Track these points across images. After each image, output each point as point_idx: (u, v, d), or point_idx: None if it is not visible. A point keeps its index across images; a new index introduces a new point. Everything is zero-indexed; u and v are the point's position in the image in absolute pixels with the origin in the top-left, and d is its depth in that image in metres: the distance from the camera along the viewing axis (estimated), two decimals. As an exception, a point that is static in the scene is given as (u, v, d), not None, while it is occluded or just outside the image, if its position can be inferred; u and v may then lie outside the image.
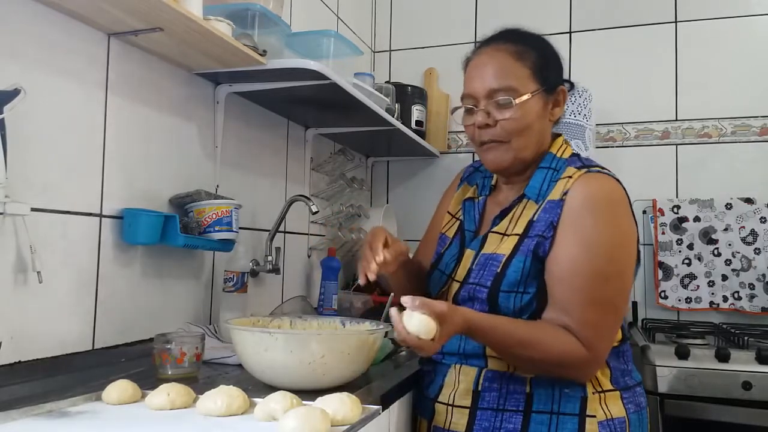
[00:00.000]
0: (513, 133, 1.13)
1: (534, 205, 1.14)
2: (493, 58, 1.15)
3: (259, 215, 1.85)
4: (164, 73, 1.44)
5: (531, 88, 1.13)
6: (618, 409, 1.10)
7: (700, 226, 2.24)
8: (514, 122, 1.12)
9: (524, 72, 1.14)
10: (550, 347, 1.04)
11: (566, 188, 1.10)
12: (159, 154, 1.43)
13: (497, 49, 1.16)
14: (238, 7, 1.46)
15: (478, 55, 1.18)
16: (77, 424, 0.84)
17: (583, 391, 1.08)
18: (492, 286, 1.10)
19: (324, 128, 2.15)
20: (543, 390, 1.09)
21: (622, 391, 1.12)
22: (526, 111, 1.13)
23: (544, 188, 1.15)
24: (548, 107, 1.17)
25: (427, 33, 2.71)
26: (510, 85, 1.12)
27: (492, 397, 1.11)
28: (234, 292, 1.54)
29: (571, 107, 2.20)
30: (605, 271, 1.07)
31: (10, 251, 1.06)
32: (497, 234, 1.17)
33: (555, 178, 1.14)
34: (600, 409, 1.08)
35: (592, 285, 1.05)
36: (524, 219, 1.14)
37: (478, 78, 1.15)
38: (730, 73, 2.31)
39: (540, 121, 1.16)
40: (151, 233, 1.29)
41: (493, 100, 1.13)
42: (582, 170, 1.12)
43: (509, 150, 1.15)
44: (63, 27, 1.17)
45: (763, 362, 1.66)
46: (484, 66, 1.16)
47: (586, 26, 2.50)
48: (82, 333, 1.21)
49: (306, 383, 1.04)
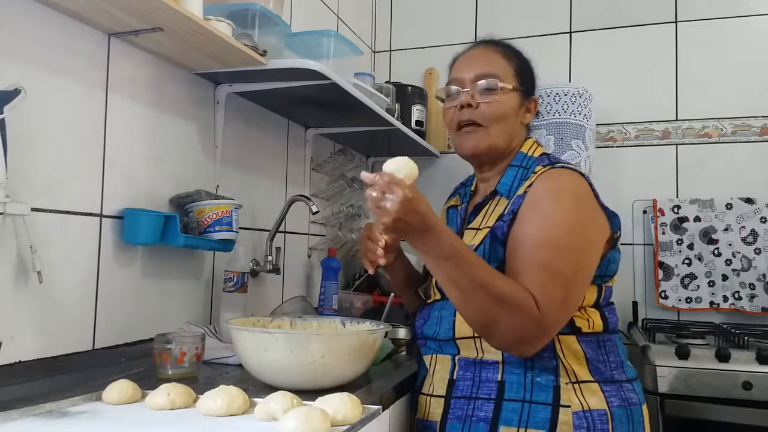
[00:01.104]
0: (492, 118, 1.19)
1: (505, 200, 1.19)
2: (482, 51, 1.25)
3: (259, 215, 1.85)
4: (164, 73, 1.45)
5: (513, 82, 1.22)
6: (597, 401, 1.08)
7: (701, 226, 2.24)
8: (495, 106, 1.19)
9: (509, 69, 1.22)
10: (505, 286, 1.01)
11: (531, 183, 1.15)
12: (159, 154, 1.43)
13: (487, 46, 1.26)
14: (238, 7, 1.46)
15: (466, 52, 1.28)
16: (77, 424, 0.84)
17: (555, 380, 1.09)
18: None
19: (324, 128, 2.15)
20: (515, 378, 1.10)
21: (602, 383, 1.11)
22: (506, 100, 1.20)
23: (515, 186, 1.19)
24: (522, 108, 1.25)
25: (427, 33, 2.71)
26: (497, 73, 1.20)
27: (465, 386, 1.13)
28: (234, 292, 1.54)
29: (571, 107, 2.20)
30: (558, 241, 1.06)
31: (11, 251, 1.06)
32: (472, 230, 1.22)
33: (525, 177, 1.19)
34: (576, 399, 1.08)
35: (543, 252, 1.05)
36: (495, 214, 1.19)
37: (467, 66, 1.24)
38: (730, 73, 2.31)
39: (515, 118, 1.23)
40: (152, 233, 1.29)
41: (479, 83, 1.20)
42: (547, 167, 1.16)
43: (487, 135, 1.20)
44: (63, 27, 1.17)
45: (763, 362, 1.66)
46: (474, 57, 1.25)
47: (586, 26, 2.50)
48: (82, 333, 1.21)
49: (306, 383, 1.04)
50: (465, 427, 1.10)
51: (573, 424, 1.06)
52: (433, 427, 1.16)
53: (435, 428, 1.15)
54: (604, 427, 1.07)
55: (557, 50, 2.53)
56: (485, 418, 1.09)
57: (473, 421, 1.10)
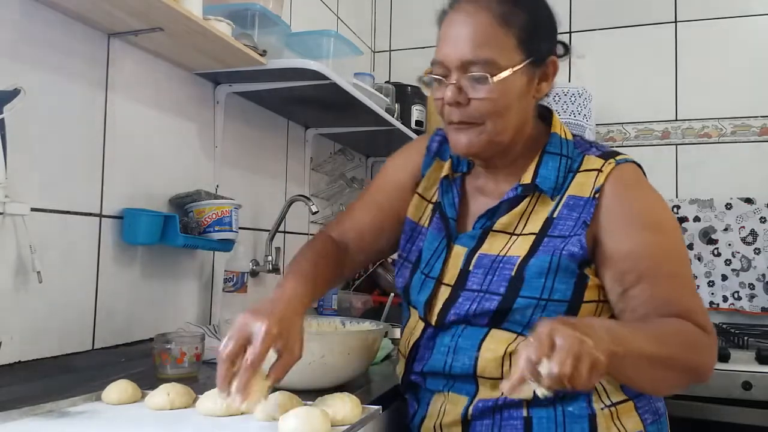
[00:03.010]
0: (488, 114, 0.92)
1: (548, 199, 0.96)
2: (472, 18, 0.92)
3: (259, 215, 1.85)
4: (164, 73, 1.44)
5: (515, 60, 0.91)
6: (634, 423, 0.94)
7: (700, 226, 2.24)
8: (490, 103, 0.91)
9: (508, 41, 0.91)
10: (684, 343, 0.87)
11: (596, 185, 0.94)
12: (159, 154, 1.43)
13: (480, 6, 0.92)
14: (238, 7, 1.46)
15: (456, 11, 0.95)
16: (77, 424, 0.84)
17: (589, 407, 0.92)
18: (507, 293, 0.91)
19: (324, 128, 2.15)
20: (543, 411, 0.92)
21: (635, 400, 0.95)
22: (505, 89, 0.91)
23: (560, 180, 0.96)
24: (534, 82, 0.96)
25: (427, 33, 2.68)
26: (489, 57, 0.90)
27: (485, 426, 0.94)
28: (234, 292, 1.54)
29: (571, 107, 2.20)
30: (680, 249, 0.96)
31: (10, 251, 1.06)
32: (503, 233, 0.97)
33: (573, 169, 0.97)
34: (614, 427, 0.92)
35: (680, 266, 0.93)
36: (538, 215, 0.96)
37: (452, 42, 0.93)
38: (730, 73, 2.31)
39: (522, 101, 0.95)
40: (151, 233, 1.29)
41: (468, 74, 0.91)
42: (608, 161, 0.97)
43: (483, 133, 0.94)
44: (63, 27, 1.17)
45: (763, 362, 1.66)
46: (460, 26, 0.92)
47: (586, 26, 2.50)
48: (82, 333, 1.21)
49: (306, 383, 1.04)
50: None
51: None
52: None
53: None
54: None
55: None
56: None
57: None
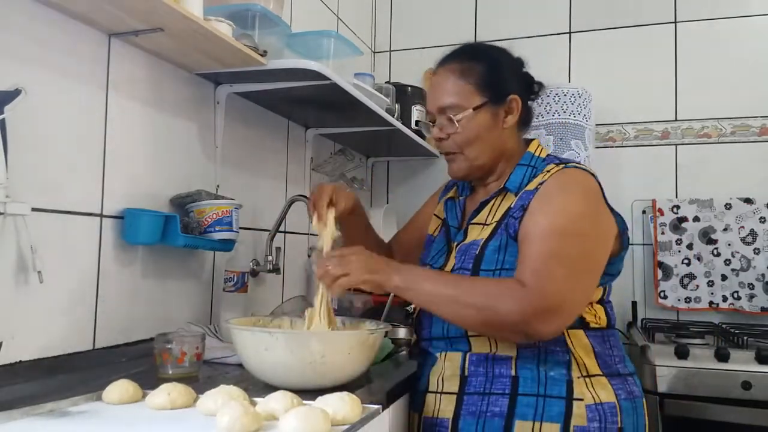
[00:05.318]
0: (463, 144, 1.23)
1: (512, 196, 1.21)
2: (441, 77, 1.25)
3: (259, 215, 1.85)
4: (165, 73, 1.45)
5: (475, 102, 1.21)
6: (607, 394, 1.12)
7: (700, 226, 2.25)
8: (461, 136, 1.22)
9: (467, 88, 1.22)
10: (480, 291, 1.08)
11: (543, 180, 1.17)
12: (160, 154, 1.43)
13: (446, 69, 1.26)
14: (238, 7, 1.46)
15: (435, 74, 1.29)
16: (78, 423, 0.84)
17: (568, 374, 1.12)
18: (473, 268, 1.16)
19: (324, 128, 2.15)
20: (528, 372, 1.13)
21: (610, 377, 1.15)
22: (471, 125, 1.21)
23: (524, 182, 1.21)
24: (500, 116, 1.23)
25: (427, 33, 2.71)
26: (453, 102, 1.22)
27: (478, 382, 1.15)
28: (234, 291, 1.55)
29: (571, 107, 2.20)
30: (565, 228, 1.09)
31: (11, 251, 1.07)
32: (477, 225, 1.24)
33: (534, 174, 1.21)
34: (588, 392, 1.11)
35: (549, 241, 1.09)
36: (502, 209, 1.21)
37: (431, 96, 1.27)
38: (730, 73, 2.31)
39: (491, 132, 1.23)
40: (152, 233, 1.30)
41: (444, 116, 1.23)
42: (560, 165, 1.19)
43: (464, 160, 1.24)
44: (63, 27, 1.17)
45: (762, 362, 1.66)
46: (435, 85, 1.27)
47: (586, 26, 2.50)
48: (83, 333, 1.22)
49: (306, 383, 1.04)
50: (479, 423, 1.12)
51: (586, 417, 1.09)
52: (444, 424, 1.17)
53: (447, 425, 1.16)
54: (614, 419, 1.11)
55: (557, 50, 2.53)
56: (500, 413, 1.11)
57: (488, 416, 1.12)
